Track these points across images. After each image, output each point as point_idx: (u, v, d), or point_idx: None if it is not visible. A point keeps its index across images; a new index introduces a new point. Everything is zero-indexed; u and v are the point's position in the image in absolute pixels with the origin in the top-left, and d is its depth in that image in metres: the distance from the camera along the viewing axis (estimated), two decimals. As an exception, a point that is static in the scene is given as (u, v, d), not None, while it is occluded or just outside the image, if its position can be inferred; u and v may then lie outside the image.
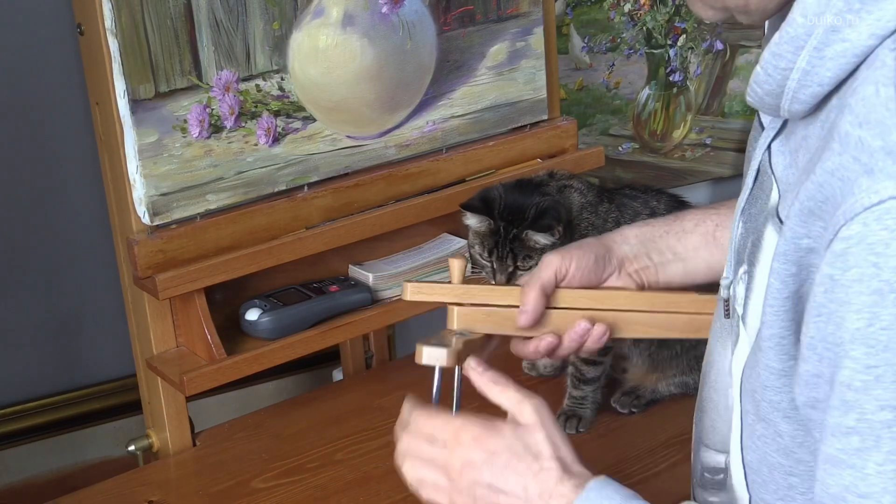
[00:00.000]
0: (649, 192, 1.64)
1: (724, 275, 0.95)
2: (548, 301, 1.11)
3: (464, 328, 1.09)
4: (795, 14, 0.76)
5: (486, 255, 1.49)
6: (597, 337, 1.12)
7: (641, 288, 1.16)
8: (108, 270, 1.63)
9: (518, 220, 1.48)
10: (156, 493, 1.48)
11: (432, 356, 1.03)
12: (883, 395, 0.69)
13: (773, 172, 0.86)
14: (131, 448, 1.60)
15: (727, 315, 0.93)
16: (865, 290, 0.69)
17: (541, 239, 1.48)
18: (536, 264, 1.43)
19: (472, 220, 1.52)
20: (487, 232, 1.50)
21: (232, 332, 1.56)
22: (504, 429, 0.97)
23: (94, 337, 2.03)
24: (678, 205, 1.60)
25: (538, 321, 1.10)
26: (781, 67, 0.78)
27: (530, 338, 1.12)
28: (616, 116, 2.25)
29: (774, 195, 0.85)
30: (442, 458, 0.98)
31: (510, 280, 1.49)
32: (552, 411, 0.99)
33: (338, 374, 1.91)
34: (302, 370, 2.15)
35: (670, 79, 2.26)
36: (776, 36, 0.78)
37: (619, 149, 2.27)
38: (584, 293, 1.14)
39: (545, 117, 1.80)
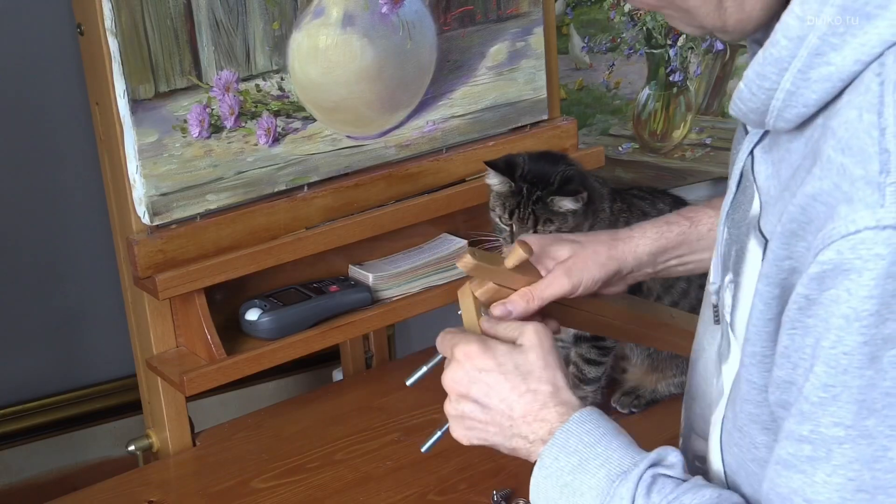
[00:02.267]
0: (655, 194, 1.65)
1: (712, 279, 0.96)
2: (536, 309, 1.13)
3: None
4: (779, 35, 0.76)
5: (505, 216, 1.49)
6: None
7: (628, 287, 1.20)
8: (108, 270, 1.63)
9: (542, 184, 1.48)
10: (156, 493, 1.48)
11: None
12: (837, 412, 0.71)
13: (755, 180, 0.86)
14: (131, 448, 1.60)
15: (716, 321, 0.94)
16: (835, 314, 0.70)
17: (567, 203, 1.48)
18: (556, 230, 1.47)
19: (493, 180, 1.52)
20: (509, 193, 1.50)
21: (232, 332, 1.56)
22: (498, 347, 0.99)
23: (94, 337, 2.03)
24: (683, 206, 1.60)
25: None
26: (766, 87, 0.78)
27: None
28: (616, 116, 2.25)
29: (756, 205, 0.85)
30: (445, 376, 1.01)
31: None
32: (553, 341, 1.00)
33: (338, 374, 1.91)
34: (302, 370, 2.15)
35: (670, 79, 2.26)
36: (760, 55, 0.78)
37: (619, 149, 2.27)
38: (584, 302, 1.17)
39: (545, 117, 1.80)
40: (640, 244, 1.20)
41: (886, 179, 0.68)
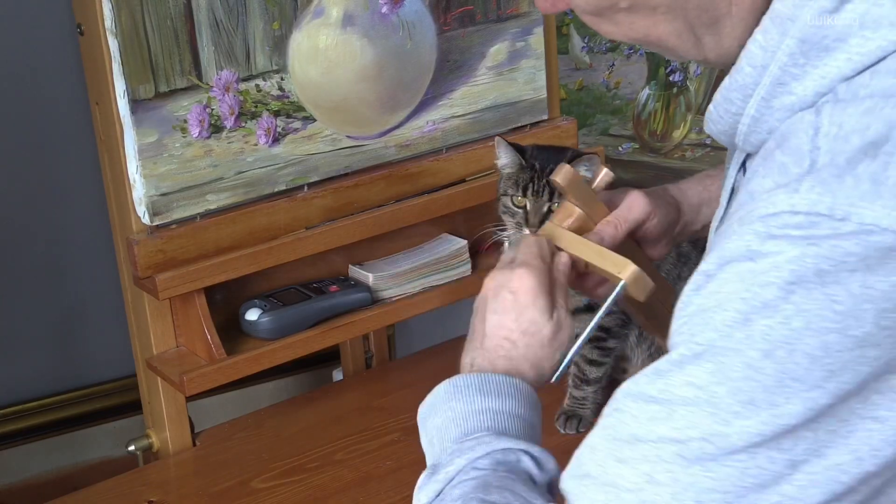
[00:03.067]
0: None
1: None
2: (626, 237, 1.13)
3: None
4: (743, 63, 0.77)
5: (519, 194, 1.45)
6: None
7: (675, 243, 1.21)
8: (108, 270, 1.63)
9: (554, 160, 1.43)
10: (156, 493, 1.48)
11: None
12: (694, 371, 0.70)
13: None
14: (131, 448, 1.60)
15: None
16: (727, 280, 0.70)
17: (581, 171, 1.43)
18: None
19: (504, 159, 1.48)
20: (520, 170, 1.46)
21: (232, 332, 1.56)
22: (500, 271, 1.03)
23: (94, 337, 2.03)
24: None
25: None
26: (732, 112, 0.79)
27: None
28: (616, 116, 2.25)
29: None
30: (495, 270, 1.06)
31: (541, 223, 1.43)
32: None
33: (338, 374, 1.91)
34: (302, 370, 2.15)
35: (670, 79, 2.26)
36: (727, 80, 0.79)
37: (619, 149, 2.27)
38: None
39: (545, 117, 1.80)
40: (692, 194, 1.21)
41: (811, 170, 0.69)
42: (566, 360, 1.00)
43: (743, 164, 0.87)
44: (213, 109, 1.47)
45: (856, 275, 0.66)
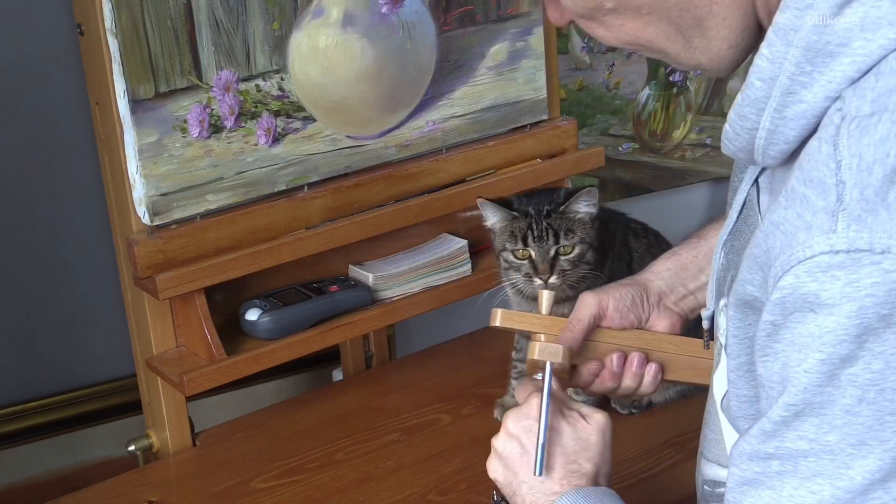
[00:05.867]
0: (648, 231, 1.62)
1: (707, 305, 0.99)
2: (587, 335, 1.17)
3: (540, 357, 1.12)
4: (752, 78, 0.79)
5: (520, 244, 1.41)
6: (653, 374, 1.18)
7: (686, 320, 1.21)
8: (108, 270, 1.63)
9: (547, 203, 1.43)
10: (156, 493, 1.48)
11: (547, 351, 1.10)
12: (801, 426, 0.75)
13: (759, 210, 0.88)
14: (131, 448, 1.60)
15: (706, 345, 0.96)
16: (802, 334, 0.73)
17: (582, 206, 1.43)
18: (580, 240, 1.43)
19: (492, 218, 1.45)
20: (513, 221, 1.43)
21: (232, 332, 1.56)
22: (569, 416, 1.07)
23: (94, 337, 2.03)
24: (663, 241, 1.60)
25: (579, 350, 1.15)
26: (748, 128, 0.81)
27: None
28: (616, 116, 2.25)
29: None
30: (510, 413, 1.10)
31: (552, 269, 1.41)
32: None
33: (338, 374, 1.91)
34: (302, 370, 2.15)
35: (670, 79, 2.26)
36: (739, 97, 0.80)
37: (619, 149, 2.27)
38: (632, 333, 1.18)
39: (545, 117, 1.80)
40: (656, 266, 1.23)
41: (840, 207, 0.71)
42: (540, 452, 1.03)
43: (755, 181, 0.89)
44: (213, 109, 1.47)
45: None
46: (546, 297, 1.18)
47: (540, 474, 1.03)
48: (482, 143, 1.74)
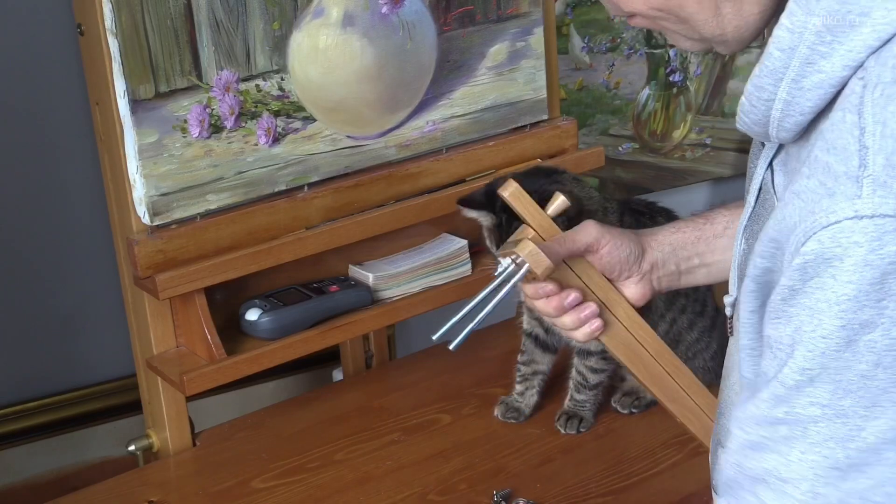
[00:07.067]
0: (654, 209, 1.61)
1: (729, 292, 0.98)
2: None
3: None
4: (772, 48, 0.79)
5: (495, 249, 1.43)
6: (592, 329, 1.16)
7: (655, 293, 1.20)
8: (108, 270, 1.63)
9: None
10: (156, 493, 1.48)
11: (535, 258, 1.09)
12: (814, 392, 0.75)
13: (775, 192, 0.88)
14: (131, 448, 1.60)
15: (730, 332, 0.95)
16: (820, 299, 0.73)
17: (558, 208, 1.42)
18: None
19: (471, 215, 1.47)
20: (492, 226, 1.45)
21: (232, 332, 1.56)
22: None
23: (94, 337, 2.03)
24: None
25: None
26: (764, 98, 0.81)
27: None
28: (616, 116, 2.25)
29: None
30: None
31: None
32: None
33: (338, 374, 1.91)
34: (302, 370, 2.15)
35: (670, 79, 2.26)
36: (756, 69, 0.81)
37: (619, 149, 2.27)
38: (603, 283, 1.16)
39: (545, 117, 1.80)
40: (660, 235, 1.22)
41: (864, 173, 0.72)
42: (465, 332, 1.02)
43: (770, 165, 0.89)
44: (213, 109, 1.47)
45: None
46: (559, 201, 1.16)
47: (454, 350, 1.02)
48: (482, 143, 1.74)
